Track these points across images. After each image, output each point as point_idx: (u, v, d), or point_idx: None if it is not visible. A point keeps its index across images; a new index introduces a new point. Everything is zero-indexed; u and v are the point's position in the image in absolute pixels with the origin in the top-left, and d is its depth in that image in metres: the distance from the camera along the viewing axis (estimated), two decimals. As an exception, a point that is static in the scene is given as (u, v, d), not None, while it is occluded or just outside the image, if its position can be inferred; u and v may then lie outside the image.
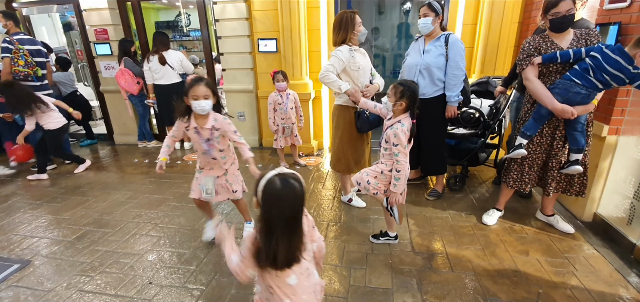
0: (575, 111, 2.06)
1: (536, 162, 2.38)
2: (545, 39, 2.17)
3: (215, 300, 1.97)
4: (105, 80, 4.97)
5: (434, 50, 2.67)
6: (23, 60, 3.70)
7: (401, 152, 2.02)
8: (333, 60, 2.52)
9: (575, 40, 2.10)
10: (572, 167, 2.21)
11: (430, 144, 2.93)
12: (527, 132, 2.31)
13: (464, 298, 1.93)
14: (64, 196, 3.45)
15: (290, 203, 1.12)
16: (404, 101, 1.99)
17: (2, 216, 3.06)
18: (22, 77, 3.74)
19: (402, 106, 2.00)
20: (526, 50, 2.22)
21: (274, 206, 1.12)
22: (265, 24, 4.14)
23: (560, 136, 2.25)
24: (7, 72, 3.67)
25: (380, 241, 2.45)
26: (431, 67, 2.67)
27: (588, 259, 2.23)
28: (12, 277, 2.23)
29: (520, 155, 2.33)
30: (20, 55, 3.68)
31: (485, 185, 3.38)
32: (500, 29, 3.65)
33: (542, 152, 2.35)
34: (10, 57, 3.64)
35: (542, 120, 2.25)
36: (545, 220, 2.63)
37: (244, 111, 4.62)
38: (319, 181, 3.57)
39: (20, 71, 3.71)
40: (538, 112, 2.24)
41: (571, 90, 2.06)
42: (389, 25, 5.13)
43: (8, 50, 3.63)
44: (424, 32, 2.73)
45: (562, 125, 2.22)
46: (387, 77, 5.14)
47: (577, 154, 2.21)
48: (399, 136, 1.99)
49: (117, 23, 4.70)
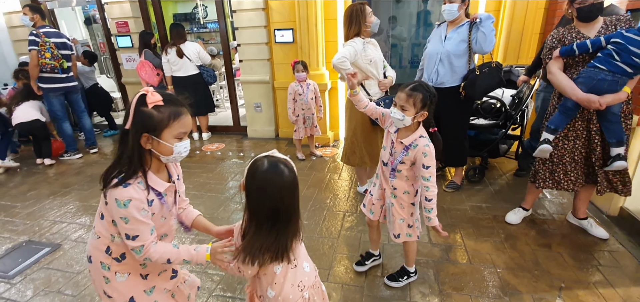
0: (602, 101, 1.93)
1: (578, 159, 2.17)
2: (571, 31, 2.05)
3: (235, 285, 2.02)
4: (126, 72, 5.11)
5: (455, 37, 2.58)
6: (49, 53, 3.83)
7: (433, 176, 1.58)
8: (348, 49, 2.48)
9: (604, 29, 1.97)
10: (615, 163, 2.01)
11: (451, 135, 2.85)
12: (552, 125, 2.14)
13: (482, 291, 1.91)
14: (90, 183, 3.60)
15: (276, 189, 1.02)
16: (425, 111, 1.55)
17: (33, 202, 3.22)
18: (48, 69, 3.88)
19: (424, 117, 1.57)
20: (549, 43, 2.12)
21: (258, 190, 1.02)
22: (281, 14, 4.14)
23: (596, 130, 2.07)
24: (35, 64, 3.81)
25: (401, 283, 1.97)
26: (451, 55, 2.59)
27: (613, 254, 2.16)
28: (43, 259, 2.36)
29: (547, 151, 2.15)
30: (47, 48, 3.81)
31: (506, 177, 3.30)
32: (525, 15, 3.51)
33: (581, 147, 2.16)
34: (37, 50, 3.77)
35: (569, 113, 2.08)
36: (577, 223, 2.44)
37: (260, 102, 4.66)
38: (335, 172, 3.58)
39: (47, 63, 3.84)
40: (564, 104, 2.09)
41: (596, 78, 1.93)
42: (407, 14, 5.02)
43: (35, 43, 3.76)
44: (448, 19, 2.61)
45: (595, 118, 2.07)
46: (403, 68, 5.05)
47: (618, 148, 2.00)
48: (431, 155, 1.56)
49: (137, 16, 4.80)
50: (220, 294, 1.97)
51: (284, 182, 1.02)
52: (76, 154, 4.41)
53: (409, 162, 1.63)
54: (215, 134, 5.20)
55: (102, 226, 1.15)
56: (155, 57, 4.59)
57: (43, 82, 3.95)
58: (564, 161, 2.21)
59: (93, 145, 4.59)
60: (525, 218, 2.55)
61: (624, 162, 2.01)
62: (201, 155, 4.33)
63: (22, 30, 5.24)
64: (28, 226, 2.81)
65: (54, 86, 4.01)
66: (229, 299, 1.93)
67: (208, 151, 4.44)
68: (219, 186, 3.37)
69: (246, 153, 4.31)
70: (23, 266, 2.28)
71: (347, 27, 2.55)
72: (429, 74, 2.76)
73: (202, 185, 3.40)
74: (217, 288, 2.01)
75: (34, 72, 3.85)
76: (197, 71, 4.56)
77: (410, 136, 1.60)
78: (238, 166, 3.88)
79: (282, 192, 1.02)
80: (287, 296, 1.13)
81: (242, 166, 3.89)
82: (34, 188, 3.55)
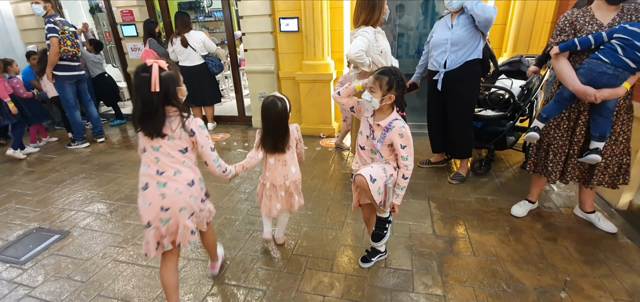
0: (598, 94, 1.88)
1: (562, 149, 2.18)
2: (585, 13, 1.98)
3: (240, 273, 2.05)
4: (131, 61, 5.12)
5: (461, 22, 2.61)
6: (70, 40, 3.89)
7: (411, 155, 1.69)
8: (363, 40, 2.39)
9: (619, 17, 1.90)
10: (591, 155, 2.02)
11: (457, 126, 2.85)
12: (544, 114, 2.14)
13: (486, 283, 1.91)
14: (97, 172, 3.65)
15: (271, 113, 1.90)
16: (392, 93, 1.63)
17: (42, 191, 3.28)
18: (70, 56, 3.93)
19: (392, 99, 1.64)
20: (560, 26, 2.04)
21: (262, 112, 1.93)
22: (286, 3, 4.09)
23: (585, 122, 2.07)
24: (56, 51, 3.82)
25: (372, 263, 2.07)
26: (459, 41, 2.62)
27: (621, 248, 2.13)
28: (53, 246, 2.41)
29: (533, 139, 2.19)
30: (67, 36, 3.86)
31: (512, 170, 3.26)
32: (536, 3, 3.42)
33: (566, 138, 2.16)
34: (58, 38, 3.80)
35: (564, 103, 2.07)
36: (584, 217, 2.41)
37: (265, 92, 4.64)
38: (339, 162, 3.57)
39: (69, 51, 3.89)
40: (560, 94, 2.07)
41: (596, 71, 1.88)
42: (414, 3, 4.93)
43: (55, 31, 3.77)
44: (451, 9, 2.63)
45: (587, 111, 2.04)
46: (410, 57, 4.98)
47: (598, 142, 2.01)
48: (407, 135, 1.66)
49: (142, 4, 4.79)
50: (225, 282, 2.00)
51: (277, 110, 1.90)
52: (84, 143, 4.47)
53: (386, 143, 1.71)
54: (220, 124, 5.22)
55: (187, 158, 1.55)
56: (160, 46, 4.58)
57: (59, 70, 3.97)
58: (549, 151, 2.24)
59: (100, 134, 4.64)
60: (531, 211, 2.53)
61: (598, 156, 2.02)
62: (206, 144, 4.35)
63: (30, 20, 5.27)
64: (38, 213, 2.86)
65: (69, 74, 4.06)
66: (233, 287, 1.96)
67: (213, 141, 4.45)
68: (224, 175, 3.39)
69: (251, 143, 4.32)
70: (34, 252, 2.34)
71: (366, 12, 2.46)
72: (437, 62, 2.76)
73: (207, 175, 3.40)
74: (222, 275, 2.04)
75: (55, 58, 3.86)
76: (203, 61, 4.55)
77: (386, 119, 1.68)
78: (243, 156, 3.89)
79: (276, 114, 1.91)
80: (274, 178, 2.03)
81: (247, 156, 3.90)
82: (43, 176, 3.61)
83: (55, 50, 3.81)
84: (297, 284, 1.96)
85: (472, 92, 2.77)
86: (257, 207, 2.75)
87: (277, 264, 2.13)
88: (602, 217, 2.34)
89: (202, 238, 1.81)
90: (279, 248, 2.27)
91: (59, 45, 3.81)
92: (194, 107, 4.92)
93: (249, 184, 3.19)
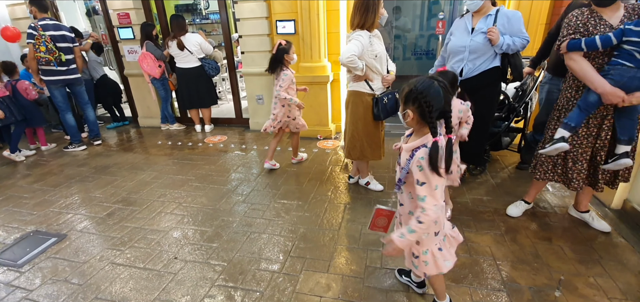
0: (627, 97, 1.81)
1: (583, 156, 2.09)
2: (593, 14, 1.91)
3: (237, 275, 2.06)
4: (128, 64, 5.12)
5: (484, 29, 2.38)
6: (44, 46, 3.84)
7: (431, 197, 1.29)
8: (356, 44, 2.38)
9: (627, 16, 1.86)
10: (622, 160, 1.94)
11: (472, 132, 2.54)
12: (571, 123, 2.00)
13: (481, 282, 1.92)
14: (94, 175, 3.64)
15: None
16: (409, 109, 1.31)
17: (39, 193, 3.28)
18: (43, 63, 3.91)
19: (410, 117, 1.32)
20: (573, 25, 1.95)
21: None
22: (283, 5, 4.11)
23: (609, 126, 1.99)
24: (31, 57, 3.89)
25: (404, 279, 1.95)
26: (478, 49, 2.42)
27: (615, 247, 2.16)
28: (50, 249, 2.40)
29: (562, 149, 2.05)
30: (42, 42, 3.82)
31: (508, 170, 3.28)
32: (531, 4, 3.45)
33: (586, 146, 2.08)
34: (33, 43, 3.80)
35: (590, 109, 1.96)
36: (578, 216, 2.43)
37: (262, 94, 4.66)
38: (336, 164, 3.59)
39: (42, 57, 3.87)
40: (585, 99, 1.96)
41: (626, 76, 1.81)
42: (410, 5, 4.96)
43: (31, 37, 3.79)
44: (472, 9, 2.43)
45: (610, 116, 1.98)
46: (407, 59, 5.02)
47: (626, 146, 1.94)
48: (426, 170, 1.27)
49: (138, 7, 4.79)
50: (222, 284, 2.00)
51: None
52: (80, 145, 4.46)
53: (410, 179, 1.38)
54: (217, 126, 5.22)
55: None
56: (157, 49, 4.59)
57: (43, 74, 4.02)
58: (567, 158, 2.16)
59: (97, 137, 4.64)
60: (527, 211, 2.55)
61: (629, 160, 1.96)
62: (203, 147, 4.35)
63: (26, 22, 5.25)
64: (35, 216, 2.86)
65: (54, 78, 4.05)
66: (230, 289, 1.96)
67: (210, 143, 4.46)
68: (221, 177, 3.40)
69: (248, 145, 4.33)
70: (31, 255, 2.33)
71: (360, 14, 2.41)
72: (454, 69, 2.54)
73: (204, 177, 3.43)
74: (219, 278, 2.05)
75: (32, 64, 3.94)
76: (199, 64, 4.57)
77: (413, 143, 1.34)
78: (240, 158, 3.90)
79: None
80: None
81: (244, 158, 3.91)
82: (40, 179, 3.60)
83: (30, 56, 3.87)
84: (294, 285, 1.97)
85: (490, 101, 2.61)
86: (254, 209, 2.76)
87: (274, 265, 2.14)
88: (596, 216, 2.37)
89: None
90: (275, 250, 2.28)
91: (33, 52, 3.82)
92: (191, 110, 4.93)
93: (246, 186, 3.19)
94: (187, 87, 4.70)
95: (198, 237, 2.46)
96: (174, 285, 2.02)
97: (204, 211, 2.79)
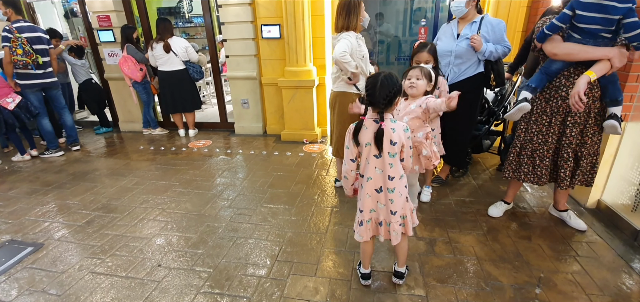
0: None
1: (547, 154, 2.22)
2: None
3: (223, 281, 2.03)
4: (109, 67, 4.99)
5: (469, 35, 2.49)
6: (21, 49, 3.69)
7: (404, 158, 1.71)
8: (346, 42, 2.44)
9: None
10: (609, 121, 1.99)
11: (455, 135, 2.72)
12: (532, 84, 2.13)
13: (465, 282, 1.97)
14: (72, 181, 3.52)
15: None
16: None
17: (14, 200, 3.13)
18: (20, 66, 3.75)
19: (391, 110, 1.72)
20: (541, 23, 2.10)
21: None
22: (268, 10, 4.11)
23: (573, 123, 2.09)
24: (7, 61, 3.71)
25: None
26: (463, 54, 2.54)
27: (591, 245, 2.25)
28: (26, 259, 2.30)
29: (525, 110, 2.15)
30: (18, 44, 3.67)
31: (489, 172, 3.38)
32: (508, 12, 3.59)
33: (552, 143, 2.20)
34: (9, 46, 3.65)
35: (551, 75, 2.08)
36: (557, 215, 2.53)
37: (247, 98, 4.63)
38: (322, 168, 3.60)
39: (19, 60, 3.71)
40: (548, 66, 2.08)
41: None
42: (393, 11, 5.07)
43: (7, 40, 3.64)
44: (457, 16, 2.56)
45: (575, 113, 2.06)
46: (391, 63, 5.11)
47: (614, 107, 1.99)
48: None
49: (119, 9, 4.68)
50: (208, 291, 1.97)
51: None
52: (57, 151, 4.30)
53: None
54: (202, 130, 5.14)
55: None
56: (138, 52, 4.50)
57: (19, 78, 3.84)
58: (534, 156, 2.28)
59: (75, 142, 4.47)
60: (507, 211, 2.64)
61: (616, 122, 1.96)
62: (188, 152, 4.28)
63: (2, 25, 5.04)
64: (10, 224, 2.73)
65: (30, 82, 3.89)
66: (217, 295, 1.93)
67: (194, 148, 4.39)
68: (205, 183, 3.35)
69: (233, 150, 4.28)
70: (6, 266, 2.22)
71: (343, 17, 2.49)
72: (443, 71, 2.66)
73: (189, 182, 3.37)
74: (204, 285, 2.01)
75: (8, 69, 3.75)
76: (183, 67, 4.50)
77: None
78: (225, 163, 3.85)
79: None
80: None
81: (229, 162, 3.87)
82: (15, 186, 3.44)
83: (6, 60, 3.70)
84: (282, 290, 1.96)
85: (473, 106, 2.72)
86: (240, 214, 2.73)
87: (261, 270, 2.12)
88: (574, 215, 2.46)
89: None
90: (262, 254, 2.26)
91: (10, 55, 3.66)
92: (174, 114, 4.84)
93: (232, 190, 3.16)
94: (170, 91, 4.61)
95: (182, 243, 2.41)
96: (158, 293, 1.96)
97: (188, 217, 2.74)
